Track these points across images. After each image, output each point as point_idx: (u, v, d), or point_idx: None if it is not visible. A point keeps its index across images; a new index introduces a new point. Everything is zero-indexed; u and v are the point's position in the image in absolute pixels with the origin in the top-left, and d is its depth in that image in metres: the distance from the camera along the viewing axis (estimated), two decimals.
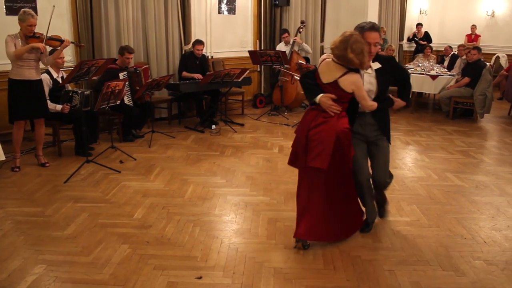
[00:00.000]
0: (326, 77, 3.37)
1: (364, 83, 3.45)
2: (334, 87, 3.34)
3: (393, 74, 3.62)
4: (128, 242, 3.67)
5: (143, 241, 3.69)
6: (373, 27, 3.41)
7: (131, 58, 6.61)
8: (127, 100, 6.46)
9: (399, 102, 3.69)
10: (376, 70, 3.51)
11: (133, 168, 5.49)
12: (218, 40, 8.81)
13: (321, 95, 3.38)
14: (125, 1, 7.05)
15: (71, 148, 6.04)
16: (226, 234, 3.84)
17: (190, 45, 7.85)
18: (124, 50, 6.49)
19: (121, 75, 6.40)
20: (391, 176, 3.93)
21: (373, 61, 3.50)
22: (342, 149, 3.38)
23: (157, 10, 7.54)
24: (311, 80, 3.49)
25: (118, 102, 5.73)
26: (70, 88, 5.93)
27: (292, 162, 3.69)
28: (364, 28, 3.39)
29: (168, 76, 6.78)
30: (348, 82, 3.29)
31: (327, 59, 3.41)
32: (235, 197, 4.63)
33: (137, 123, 6.80)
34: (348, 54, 3.19)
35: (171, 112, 7.84)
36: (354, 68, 3.30)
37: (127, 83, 6.10)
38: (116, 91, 5.48)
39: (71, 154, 5.93)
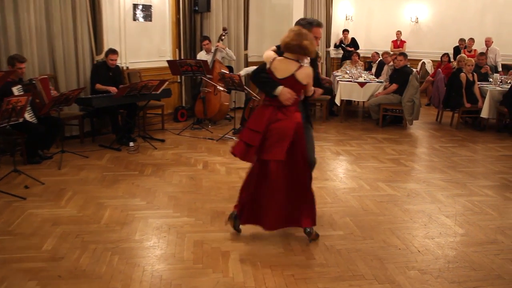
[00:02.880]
0: (281, 73, 3.80)
1: None
2: (290, 81, 3.78)
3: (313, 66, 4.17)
4: (37, 277, 3.49)
5: (54, 275, 3.53)
6: (319, 24, 4.12)
7: (24, 68, 6.27)
8: (28, 116, 6.15)
9: (320, 90, 4.21)
10: (310, 63, 4.11)
11: (41, 193, 5.26)
12: (133, 49, 8.67)
13: (281, 87, 3.76)
14: (26, 6, 6.74)
15: None
16: (148, 261, 3.76)
17: (103, 54, 7.68)
18: (14, 60, 6.14)
19: (15, 89, 6.05)
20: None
21: None
22: (297, 142, 3.84)
23: (64, 17, 7.30)
24: (265, 74, 3.87)
25: (21, 120, 5.47)
26: None
27: (243, 156, 3.91)
28: (313, 24, 4.05)
29: (78, 89, 6.56)
30: (305, 75, 3.80)
31: (278, 57, 3.84)
32: (157, 220, 4.56)
33: (43, 143, 6.51)
34: (304, 43, 3.69)
35: (83, 129, 7.60)
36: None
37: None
38: (18, 107, 5.22)
39: None
